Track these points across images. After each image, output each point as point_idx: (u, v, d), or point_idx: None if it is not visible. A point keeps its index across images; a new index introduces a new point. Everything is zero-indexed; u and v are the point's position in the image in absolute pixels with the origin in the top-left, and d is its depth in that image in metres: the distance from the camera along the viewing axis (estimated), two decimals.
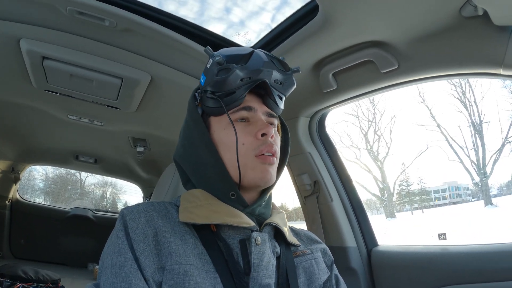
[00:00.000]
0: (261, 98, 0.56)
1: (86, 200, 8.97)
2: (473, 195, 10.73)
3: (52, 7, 0.86)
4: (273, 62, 0.54)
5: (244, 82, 0.52)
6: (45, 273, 1.93)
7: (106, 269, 0.42)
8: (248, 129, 0.53)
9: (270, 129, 0.52)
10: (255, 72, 0.52)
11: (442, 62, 0.78)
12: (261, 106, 0.55)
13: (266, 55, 0.54)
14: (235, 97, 0.52)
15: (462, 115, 9.26)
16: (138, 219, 0.46)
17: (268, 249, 0.49)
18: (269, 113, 0.56)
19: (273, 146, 0.52)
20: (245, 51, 0.53)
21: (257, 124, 0.53)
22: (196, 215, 0.48)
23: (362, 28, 0.77)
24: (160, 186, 1.11)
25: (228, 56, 0.52)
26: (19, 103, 1.51)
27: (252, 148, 0.51)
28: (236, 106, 0.53)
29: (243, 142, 0.51)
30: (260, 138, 0.52)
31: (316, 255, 0.57)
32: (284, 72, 0.55)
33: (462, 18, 0.67)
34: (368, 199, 12.11)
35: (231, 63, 0.51)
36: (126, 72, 1.10)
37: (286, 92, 0.57)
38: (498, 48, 0.67)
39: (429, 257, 0.95)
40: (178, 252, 0.44)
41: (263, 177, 0.51)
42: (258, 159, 0.51)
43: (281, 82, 0.55)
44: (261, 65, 0.52)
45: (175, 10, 1.30)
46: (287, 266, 0.51)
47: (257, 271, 0.46)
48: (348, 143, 13.01)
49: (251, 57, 0.52)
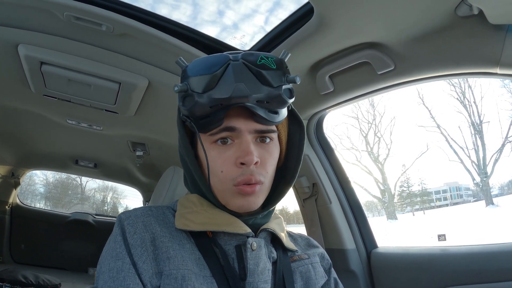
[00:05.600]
0: (250, 113, 0.46)
1: (86, 205, 8.97)
2: (474, 195, 10.71)
3: (49, 13, 0.86)
4: (257, 76, 0.44)
5: (215, 109, 0.44)
6: (45, 277, 1.93)
7: (104, 273, 0.42)
8: (227, 155, 0.46)
9: (251, 157, 0.44)
10: (225, 100, 0.43)
11: (439, 62, 0.78)
12: (248, 124, 0.46)
13: (247, 66, 0.44)
14: (211, 121, 0.45)
15: (462, 116, 9.27)
16: (136, 224, 0.46)
17: (264, 254, 0.48)
18: (260, 130, 0.47)
19: (253, 176, 0.45)
20: (216, 67, 0.44)
21: (239, 148, 0.46)
22: (192, 222, 0.48)
23: (357, 30, 0.77)
24: (158, 189, 1.11)
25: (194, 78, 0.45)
26: (18, 108, 1.51)
27: (230, 178, 0.46)
28: (217, 127, 0.46)
29: (221, 169, 0.46)
30: (240, 166, 0.46)
31: (313, 260, 0.56)
32: (272, 87, 0.44)
33: (458, 17, 0.67)
34: (369, 201, 12.08)
35: (195, 90, 0.44)
36: (123, 76, 1.10)
37: (278, 107, 0.47)
38: (494, 47, 0.67)
39: (429, 258, 0.94)
40: (176, 257, 0.44)
41: (242, 206, 0.47)
42: (236, 189, 0.46)
43: (267, 101, 0.45)
44: (230, 90, 0.43)
45: (168, 13, 1.31)
46: (283, 271, 0.50)
47: (253, 277, 0.46)
48: (348, 145, 13.00)
49: (222, 75, 0.44)
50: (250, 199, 0.47)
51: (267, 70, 0.45)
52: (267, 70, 0.45)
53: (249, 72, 0.44)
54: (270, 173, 0.49)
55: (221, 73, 0.44)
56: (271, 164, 0.49)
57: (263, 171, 0.47)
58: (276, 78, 0.45)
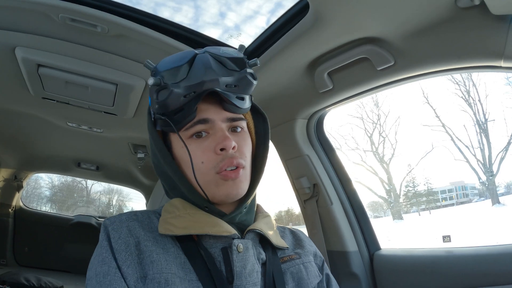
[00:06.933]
0: (220, 103, 0.50)
1: (92, 208, 9.03)
2: (480, 195, 10.56)
3: (44, 15, 0.86)
4: (222, 63, 0.49)
5: (189, 98, 0.47)
6: (48, 280, 1.94)
7: (92, 279, 0.43)
8: (205, 145, 0.48)
9: (229, 141, 0.47)
10: (198, 86, 0.47)
11: (440, 56, 0.75)
12: (219, 113, 0.50)
13: (212, 56, 0.49)
14: (185, 114, 0.48)
15: (467, 114, 9.16)
16: (120, 229, 0.46)
17: (251, 256, 0.47)
18: (231, 118, 0.50)
19: (234, 159, 0.48)
20: (184, 59, 0.48)
21: (216, 136, 0.48)
22: (174, 226, 0.47)
23: (354, 25, 0.75)
24: (156, 192, 1.10)
25: (165, 71, 0.48)
26: (18, 111, 1.52)
27: (212, 166, 0.48)
28: (190, 121, 0.48)
29: (202, 160, 0.48)
30: (220, 153, 0.47)
31: (305, 260, 0.55)
32: (238, 71, 0.49)
33: (459, 9, 0.65)
34: (375, 201, 11.98)
35: (168, 82, 0.47)
36: (120, 77, 1.10)
37: (245, 92, 0.51)
38: (497, 39, 0.64)
39: (433, 260, 0.91)
40: (160, 261, 0.44)
41: (229, 194, 0.48)
42: (220, 176, 0.48)
43: (235, 84, 0.49)
44: (202, 75, 0.47)
45: (170, 16, 1.30)
46: (273, 272, 0.49)
47: (240, 279, 0.45)
48: (353, 145, 12.93)
49: (192, 65, 0.48)
50: (235, 185, 0.48)
51: (230, 57, 0.50)
52: (230, 57, 0.50)
53: (215, 60, 0.49)
54: (248, 158, 0.51)
55: (190, 64, 0.48)
56: (248, 150, 0.52)
57: (242, 155, 0.50)
58: (239, 63, 0.50)
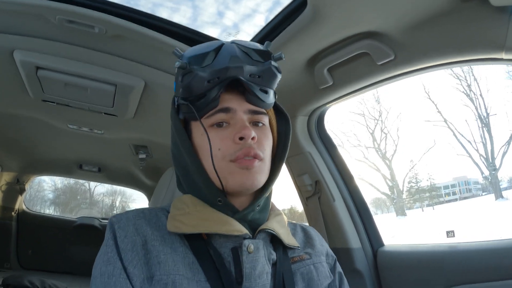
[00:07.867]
0: (243, 94, 0.50)
1: (95, 210, 9.06)
2: (483, 189, 10.52)
3: (41, 17, 0.86)
4: (248, 53, 0.49)
5: (212, 84, 0.47)
6: (52, 282, 1.94)
7: (96, 278, 0.42)
8: (225, 133, 0.48)
9: (248, 131, 0.46)
10: (222, 71, 0.47)
11: (440, 50, 0.74)
12: (242, 104, 0.49)
13: (238, 46, 0.49)
14: (207, 100, 0.48)
15: (469, 109, 9.12)
16: (126, 227, 0.45)
17: (262, 256, 0.46)
18: (253, 110, 0.50)
19: (252, 149, 0.47)
20: (211, 47, 0.48)
21: (236, 126, 0.48)
22: (183, 224, 0.46)
23: (353, 19, 0.74)
24: (158, 191, 1.10)
25: (192, 57, 0.48)
26: (19, 114, 1.52)
27: (228, 154, 0.47)
28: (212, 109, 0.48)
29: (219, 147, 0.47)
30: (239, 142, 0.47)
31: (315, 260, 0.54)
32: (262, 62, 0.49)
33: (458, 1, 0.64)
34: (378, 197, 11.96)
35: (194, 66, 0.47)
36: (119, 78, 1.09)
37: (268, 84, 0.50)
38: (498, 30, 0.63)
39: (437, 256, 0.90)
40: (167, 262, 0.42)
41: (243, 183, 0.47)
42: (235, 164, 0.47)
43: (259, 75, 0.49)
44: (227, 62, 0.47)
45: (168, 17, 1.30)
46: (283, 273, 0.48)
47: (249, 281, 0.43)
48: (355, 142, 12.90)
49: (218, 53, 0.48)
50: (250, 175, 0.47)
51: (255, 49, 0.50)
52: (255, 49, 0.50)
53: (241, 50, 0.49)
54: (267, 152, 0.50)
55: (217, 51, 0.48)
56: (268, 145, 0.51)
57: (261, 147, 0.49)
58: (264, 55, 0.50)
